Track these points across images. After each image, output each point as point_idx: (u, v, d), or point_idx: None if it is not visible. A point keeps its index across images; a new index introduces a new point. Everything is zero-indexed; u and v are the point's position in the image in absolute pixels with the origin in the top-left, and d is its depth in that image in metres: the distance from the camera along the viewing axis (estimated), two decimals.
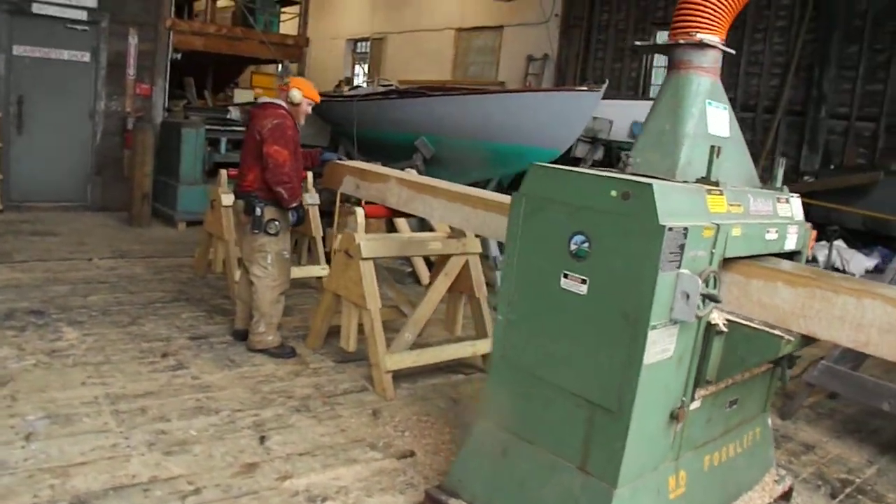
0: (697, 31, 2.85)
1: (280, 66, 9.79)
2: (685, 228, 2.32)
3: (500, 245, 6.51)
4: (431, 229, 6.07)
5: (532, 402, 2.67)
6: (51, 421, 3.52)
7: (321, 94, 11.82)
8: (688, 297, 2.35)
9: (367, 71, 18.96)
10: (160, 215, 8.79)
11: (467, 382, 4.67)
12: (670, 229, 2.26)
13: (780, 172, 3.11)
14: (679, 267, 2.35)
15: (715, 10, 2.85)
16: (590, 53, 13.05)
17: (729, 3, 2.86)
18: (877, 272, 7.31)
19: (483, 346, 4.75)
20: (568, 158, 8.34)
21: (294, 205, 4.64)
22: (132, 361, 4.39)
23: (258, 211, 4.57)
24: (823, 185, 8.63)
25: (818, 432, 4.40)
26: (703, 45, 2.84)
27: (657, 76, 12.30)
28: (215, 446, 3.44)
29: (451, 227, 5.38)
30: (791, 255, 3.06)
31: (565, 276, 2.52)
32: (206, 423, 3.67)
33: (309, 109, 4.89)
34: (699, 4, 2.85)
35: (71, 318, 5.04)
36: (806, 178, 9.04)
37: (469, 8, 15.57)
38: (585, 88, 7.51)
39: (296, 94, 4.73)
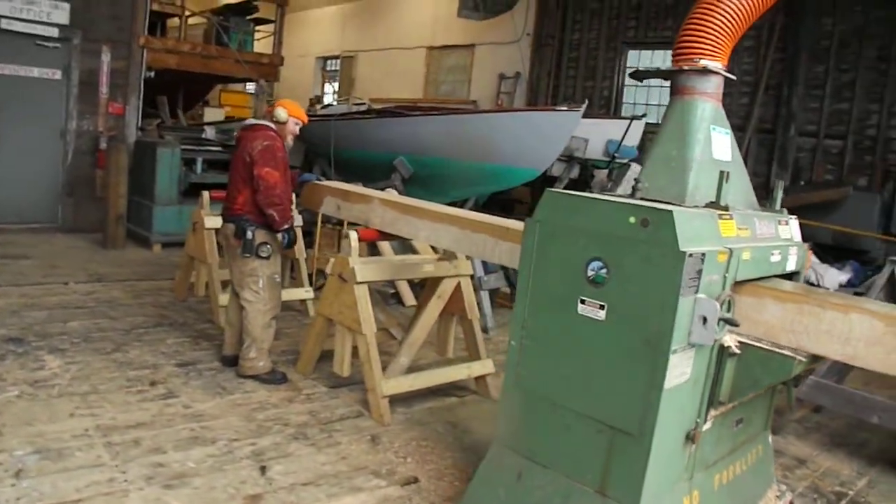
0: (700, 58, 2.90)
1: (255, 84, 9.71)
2: (703, 254, 2.35)
3: (485, 265, 6.54)
4: (414, 251, 6.09)
5: (548, 427, 2.68)
6: (41, 456, 3.40)
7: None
8: (705, 320, 2.38)
9: (336, 89, 18.94)
10: (134, 237, 8.62)
11: (462, 405, 4.65)
12: (690, 255, 2.29)
13: (780, 195, 3.18)
14: (697, 292, 2.38)
15: (717, 37, 2.91)
16: (561, 71, 13.20)
17: (730, 30, 2.93)
18: (849, 286, 7.48)
19: (477, 368, 4.75)
20: (544, 177, 8.40)
21: (286, 227, 4.60)
22: (120, 391, 4.28)
23: (249, 234, 4.51)
24: (794, 201, 8.81)
25: (808, 446, 4.48)
26: (706, 72, 2.90)
27: (628, 94, 12.49)
28: (216, 478, 3.37)
29: (436, 250, 5.40)
30: (791, 276, 3.12)
31: (582, 301, 2.53)
32: (203, 454, 3.59)
33: (296, 129, 4.86)
34: (701, 31, 2.91)
35: (52, 346, 4.90)
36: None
37: (440, 26, 15.66)
38: (566, 108, 7.59)
39: (281, 113, 4.69)
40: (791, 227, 3.15)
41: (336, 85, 19.26)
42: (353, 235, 4.33)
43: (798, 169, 9.80)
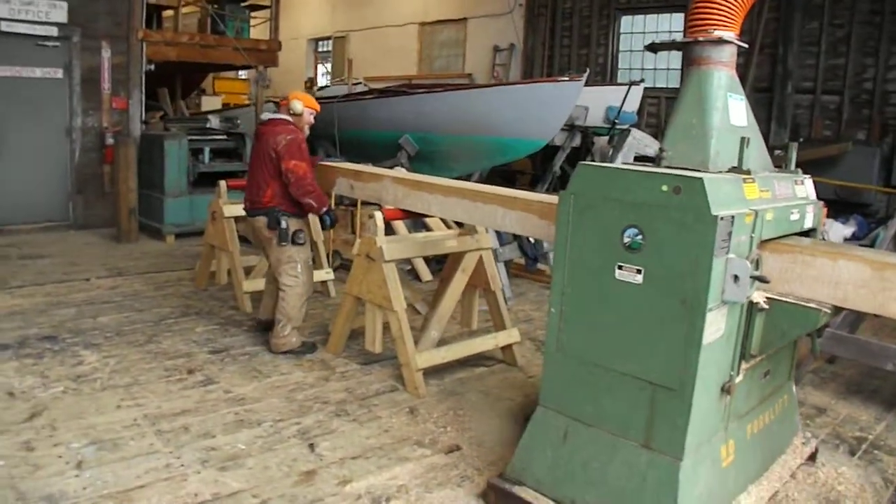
0: (715, 28, 3.01)
1: (255, 71, 9.74)
2: (732, 216, 2.49)
3: (500, 237, 6.67)
4: (428, 229, 6.22)
5: (591, 388, 2.83)
6: (97, 447, 3.54)
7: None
8: (737, 279, 2.52)
9: (330, 70, 18.92)
10: (147, 229, 8.72)
11: (491, 374, 4.81)
12: (721, 219, 2.43)
13: (794, 156, 3.30)
14: (727, 252, 2.51)
15: (729, 7, 3.01)
16: (556, 41, 13.26)
17: (742, 0, 3.03)
18: (854, 239, 7.64)
19: (504, 338, 4.90)
20: (545, 147, 8.51)
21: (325, 209, 4.87)
22: (160, 380, 4.42)
23: (284, 224, 4.78)
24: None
25: (826, 395, 4.65)
26: (720, 42, 3.00)
27: (623, 60, 12.55)
28: (268, 458, 3.52)
29: (448, 224, 5.52)
30: (808, 233, 3.26)
31: (619, 267, 2.67)
32: (251, 436, 3.74)
33: (312, 119, 5.09)
34: (714, 2, 3.01)
35: (86, 342, 5.03)
36: (777, 152, 9.33)
37: (431, 2, 15.64)
38: (567, 79, 7.67)
39: (297, 105, 4.95)
40: (806, 187, 3.28)
41: (329, 66, 19.24)
42: (379, 216, 4.45)
43: (797, 126, 9.92)
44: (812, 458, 3.59)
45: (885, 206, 8.90)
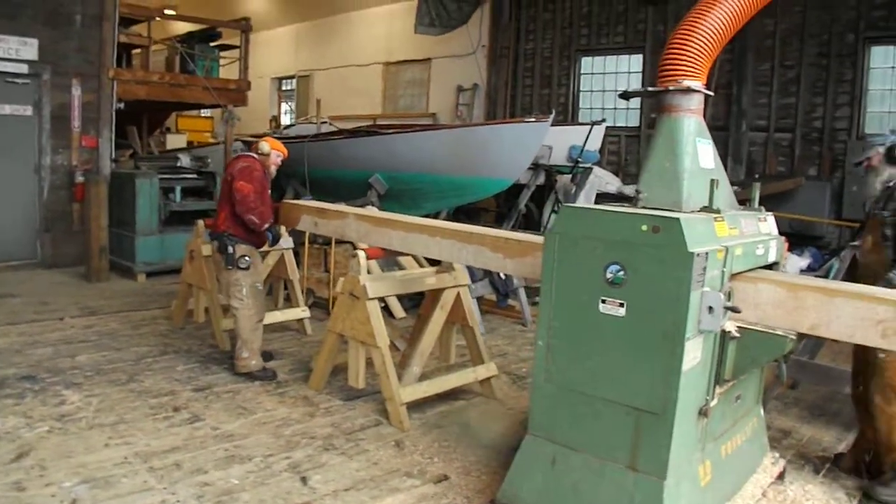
0: (683, 78, 3.27)
1: (225, 111, 9.86)
2: (707, 253, 2.71)
3: (472, 275, 6.85)
4: (400, 267, 6.38)
5: (578, 415, 3.00)
6: (90, 486, 3.56)
7: (258, 136, 11.94)
8: (712, 310, 2.73)
9: (293, 108, 19.10)
10: (117, 268, 8.70)
11: (471, 407, 4.95)
12: (697, 255, 2.64)
13: (757, 196, 3.57)
14: (703, 286, 2.73)
15: (696, 59, 3.28)
16: (518, 81, 13.64)
17: (707, 51, 3.30)
18: (809, 271, 7.99)
19: (483, 372, 5.05)
20: (512, 184, 8.77)
21: (266, 226, 5.15)
22: (147, 418, 4.46)
23: (230, 249, 5.10)
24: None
25: (790, 419, 4.89)
26: (689, 91, 3.27)
27: (584, 100, 12.97)
28: (261, 492, 3.60)
29: (428, 261, 5.68)
30: (772, 266, 3.50)
31: (603, 301, 2.86)
32: (243, 471, 3.81)
33: (279, 161, 5.47)
34: (683, 55, 3.27)
35: (67, 381, 5.03)
36: (734, 188, 9.76)
37: (396, 42, 15.97)
38: (534, 119, 7.96)
39: (264, 146, 5.35)
40: (769, 223, 3.54)
41: (293, 104, 19.42)
42: (362, 255, 4.60)
43: (752, 162, 10.38)
44: (781, 476, 3.80)
45: (836, 238, 9.35)
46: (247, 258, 5.15)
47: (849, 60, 9.68)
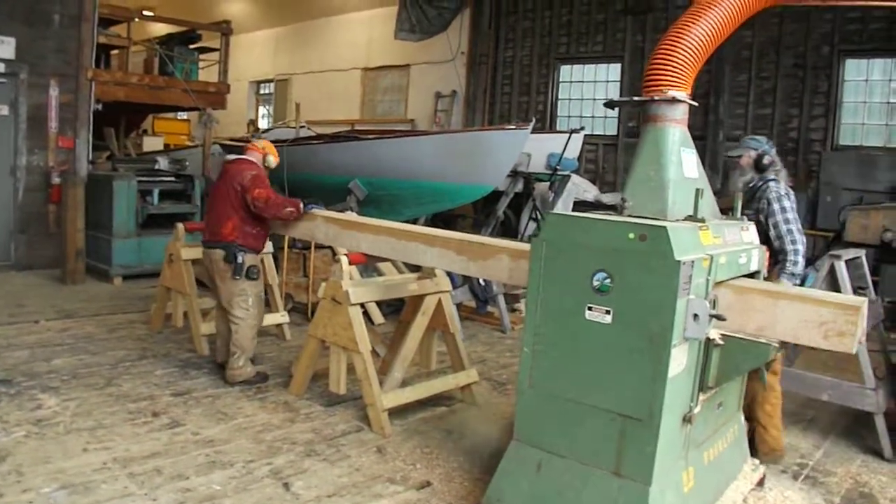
0: (668, 89, 3.31)
1: (203, 113, 9.80)
2: (692, 261, 2.75)
3: (452, 281, 6.85)
4: (379, 273, 6.39)
5: (563, 421, 3.02)
6: (69, 491, 3.50)
7: (236, 140, 11.86)
8: (697, 317, 2.77)
9: (272, 112, 19.02)
10: (93, 271, 8.59)
11: (452, 413, 4.95)
12: (684, 263, 2.68)
13: (739, 205, 3.62)
14: (689, 293, 2.76)
15: (681, 69, 3.32)
16: (497, 88, 13.72)
17: (692, 62, 3.35)
18: None
19: (463, 378, 5.06)
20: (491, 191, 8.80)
21: (303, 206, 5.02)
22: (125, 423, 4.41)
23: (240, 259, 5.00)
24: (728, 202, 9.47)
25: None
26: (674, 101, 3.31)
27: (562, 108, 13.07)
28: (243, 498, 3.57)
29: (406, 267, 5.70)
30: (753, 275, 3.56)
31: (589, 308, 2.89)
32: (225, 477, 3.78)
33: (273, 164, 5.45)
34: (668, 65, 3.32)
35: (43, 385, 4.96)
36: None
37: (375, 48, 15.99)
38: (514, 127, 8.00)
39: (272, 160, 5.36)
40: (751, 232, 3.60)
41: (270, 108, 19.34)
42: (345, 260, 4.59)
43: (728, 172, 10.51)
44: (761, 483, 3.86)
45: (811, 248, 9.49)
46: (256, 268, 5.12)
47: (824, 73, 9.88)
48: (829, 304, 2.89)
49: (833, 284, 4.59)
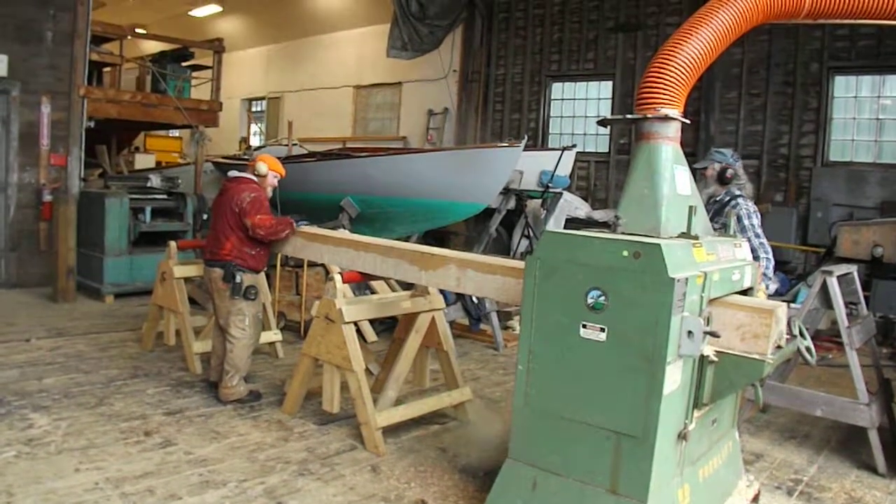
0: (661, 106, 3.33)
1: (195, 131, 9.81)
2: (686, 278, 2.75)
3: (446, 299, 6.85)
4: (373, 292, 6.35)
5: (558, 439, 3.01)
6: None
7: (231, 158, 11.88)
8: (691, 334, 2.77)
9: (264, 130, 19.04)
10: (84, 289, 8.55)
11: (446, 431, 4.93)
12: (678, 280, 2.69)
13: (733, 222, 3.64)
14: (683, 310, 2.77)
15: (674, 87, 3.35)
16: (488, 106, 13.79)
17: (684, 80, 3.37)
18: (777, 295, 8.13)
19: (457, 396, 5.04)
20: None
21: (294, 224, 5.12)
22: (117, 443, 4.36)
23: (238, 278, 4.99)
24: None
25: (762, 442, 4.96)
26: (667, 118, 3.33)
27: (554, 125, 13.14)
28: None
29: (399, 285, 5.69)
30: (746, 291, 3.57)
31: (584, 326, 2.89)
32: (218, 497, 3.74)
33: (275, 182, 5.37)
34: (660, 83, 3.34)
35: (34, 404, 4.91)
36: None
37: (367, 65, 16.05)
38: (507, 144, 8.04)
39: (262, 167, 5.24)
40: (744, 249, 3.62)
41: (262, 126, 19.36)
42: (338, 278, 4.59)
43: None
44: (755, 499, 3.85)
45: (802, 263, 9.56)
46: (254, 289, 5.11)
47: (813, 89, 9.98)
48: (745, 307, 3.03)
49: (825, 300, 4.61)
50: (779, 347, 3.11)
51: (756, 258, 4.23)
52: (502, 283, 3.74)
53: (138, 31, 13.08)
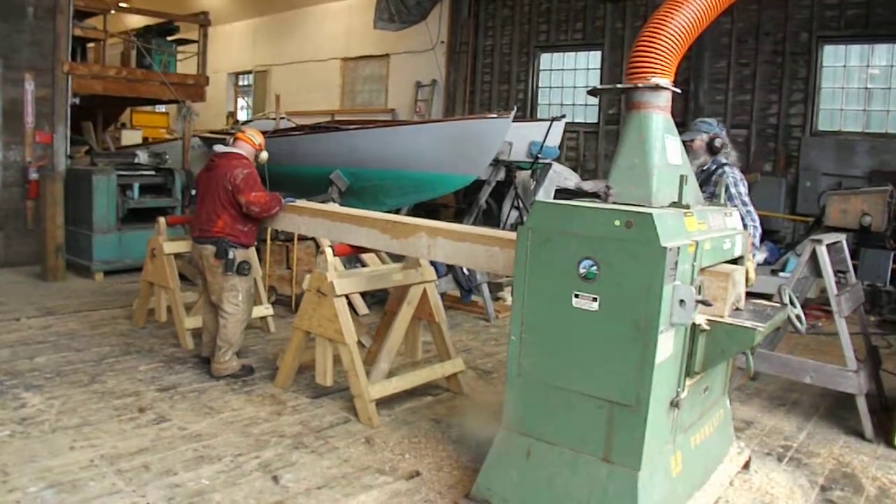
0: (652, 75, 3.31)
1: (182, 106, 9.70)
2: (678, 247, 2.76)
3: (437, 271, 6.86)
4: (363, 264, 6.34)
5: (552, 408, 3.04)
6: (56, 490, 3.47)
7: (216, 132, 11.75)
8: (683, 303, 2.78)
9: (251, 104, 18.86)
10: (74, 267, 8.49)
11: (439, 402, 4.96)
12: (670, 249, 2.69)
13: (723, 191, 3.65)
14: (675, 279, 2.78)
15: (664, 56, 3.33)
16: (477, 77, 13.70)
17: (675, 49, 3.35)
18: (766, 264, 8.18)
19: (449, 367, 5.07)
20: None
21: (283, 201, 5.12)
22: (111, 420, 4.37)
23: (231, 254, 4.97)
24: None
25: (752, 409, 5.02)
26: (657, 88, 3.31)
27: (543, 96, 13.07)
28: (234, 492, 3.55)
29: (390, 258, 5.71)
30: (737, 260, 3.58)
31: (576, 296, 2.90)
32: (213, 471, 3.76)
33: (266, 156, 5.43)
34: (651, 52, 3.32)
35: (27, 383, 4.90)
36: None
37: (354, 38, 15.89)
38: (496, 115, 7.99)
39: (265, 157, 5.39)
40: (734, 218, 3.62)
41: (250, 100, 19.18)
42: (329, 251, 4.57)
43: None
44: (746, 466, 3.91)
45: (791, 232, 9.61)
46: (247, 264, 5.10)
47: (802, 59, 9.96)
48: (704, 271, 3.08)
49: (815, 268, 4.64)
50: (737, 310, 3.20)
51: (744, 226, 4.25)
52: (470, 250, 3.88)
53: (122, 5, 12.87)
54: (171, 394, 4.85)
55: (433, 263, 5.07)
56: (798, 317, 3.64)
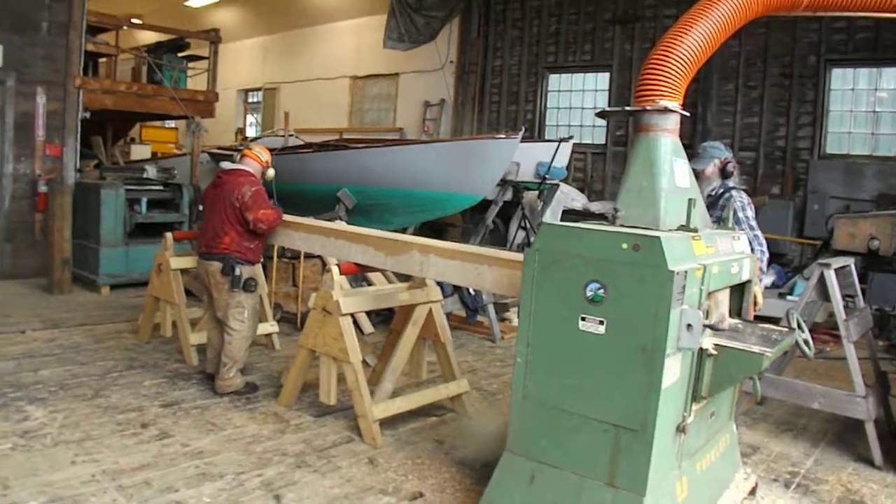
0: (660, 98, 3.32)
1: (191, 122, 9.76)
2: (686, 271, 2.75)
3: (443, 290, 6.84)
4: (370, 283, 6.33)
5: (556, 432, 3.01)
6: None
7: (224, 149, 11.82)
8: (691, 327, 2.77)
9: (259, 121, 18.97)
10: (80, 280, 8.52)
11: (443, 423, 4.93)
12: (677, 273, 2.68)
13: (731, 214, 3.63)
14: (682, 303, 2.76)
15: (673, 79, 3.34)
16: (485, 97, 13.75)
17: (684, 72, 3.36)
18: (773, 288, 8.16)
19: (454, 388, 5.04)
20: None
21: (282, 214, 5.19)
22: (114, 435, 4.35)
23: (237, 271, 4.98)
24: None
25: (759, 434, 4.97)
26: (666, 111, 3.32)
27: (550, 117, 13.11)
28: None
29: (397, 277, 5.71)
30: (744, 284, 3.57)
31: (583, 319, 2.88)
32: (215, 489, 3.73)
33: (272, 173, 5.43)
34: (660, 75, 3.33)
35: (30, 396, 4.90)
36: None
37: (363, 56, 15.98)
38: (504, 136, 8.01)
39: (271, 174, 5.39)
40: (742, 242, 3.61)
41: (259, 117, 19.29)
42: (335, 270, 4.57)
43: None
44: (753, 492, 3.86)
45: (798, 255, 9.57)
46: (253, 281, 5.12)
47: (810, 81, 9.97)
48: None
49: (823, 292, 4.61)
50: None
51: (751, 250, 4.23)
52: (460, 268, 3.92)
53: (134, 21, 13.00)
54: (175, 410, 4.83)
55: (440, 284, 5.06)
56: (806, 341, 3.61)
